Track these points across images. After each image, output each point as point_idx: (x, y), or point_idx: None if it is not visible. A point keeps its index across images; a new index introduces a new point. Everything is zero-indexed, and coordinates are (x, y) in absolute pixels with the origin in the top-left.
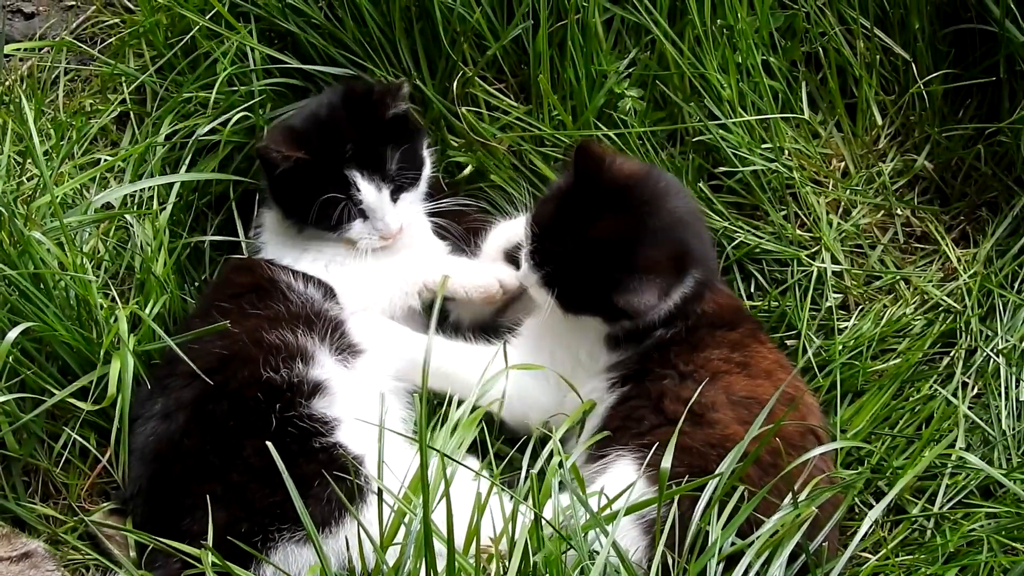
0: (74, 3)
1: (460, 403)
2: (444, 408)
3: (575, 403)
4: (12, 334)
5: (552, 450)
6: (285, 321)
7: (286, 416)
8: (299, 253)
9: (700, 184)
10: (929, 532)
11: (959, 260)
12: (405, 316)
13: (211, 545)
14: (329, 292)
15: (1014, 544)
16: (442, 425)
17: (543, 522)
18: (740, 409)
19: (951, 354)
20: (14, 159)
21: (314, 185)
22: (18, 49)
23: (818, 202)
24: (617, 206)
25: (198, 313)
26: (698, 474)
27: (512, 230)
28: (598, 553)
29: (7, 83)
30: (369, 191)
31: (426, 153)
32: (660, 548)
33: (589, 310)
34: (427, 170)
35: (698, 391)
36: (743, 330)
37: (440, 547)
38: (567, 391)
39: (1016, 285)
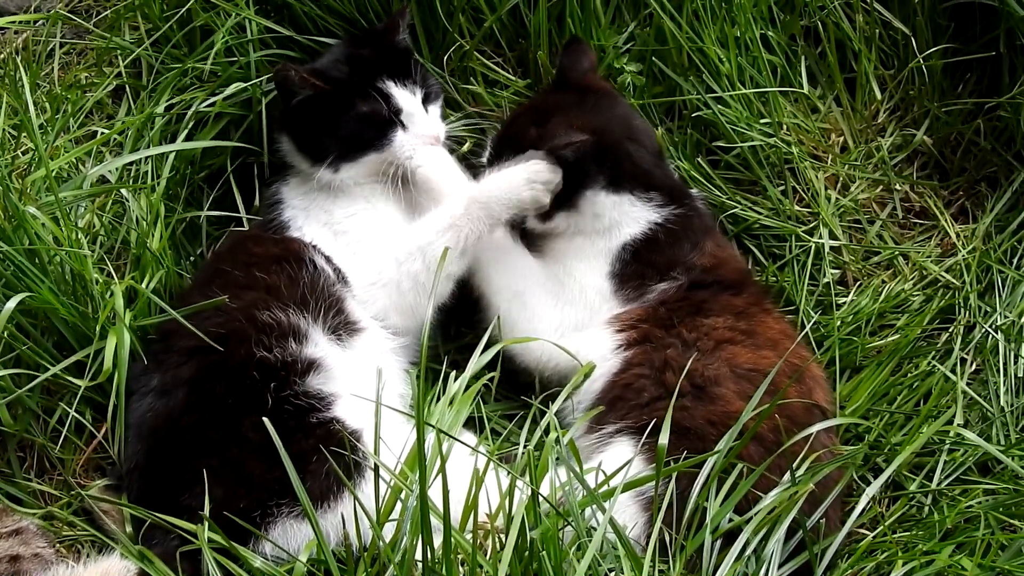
0: None
1: (457, 378)
2: (440, 383)
3: (581, 345)
4: (11, 304)
5: (549, 424)
6: (280, 299)
7: (282, 394)
8: (313, 221)
9: (698, 159)
10: (927, 508)
11: (958, 236)
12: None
13: (209, 520)
14: (338, 273)
15: (1012, 521)
16: (439, 400)
17: (540, 498)
18: (744, 383)
19: (950, 330)
20: (9, 133)
21: (347, 106)
22: (13, 22)
23: (816, 177)
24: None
25: (198, 284)
26: (697, 454)
27: None
28: (595, 529)
29: (2, 56)
30: (404, 96)
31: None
32: (658, 525)
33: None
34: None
35: (702, 362)
36: (748, 296)
37: (436, 523)
38: (574, 324)
39: (1015, 261)
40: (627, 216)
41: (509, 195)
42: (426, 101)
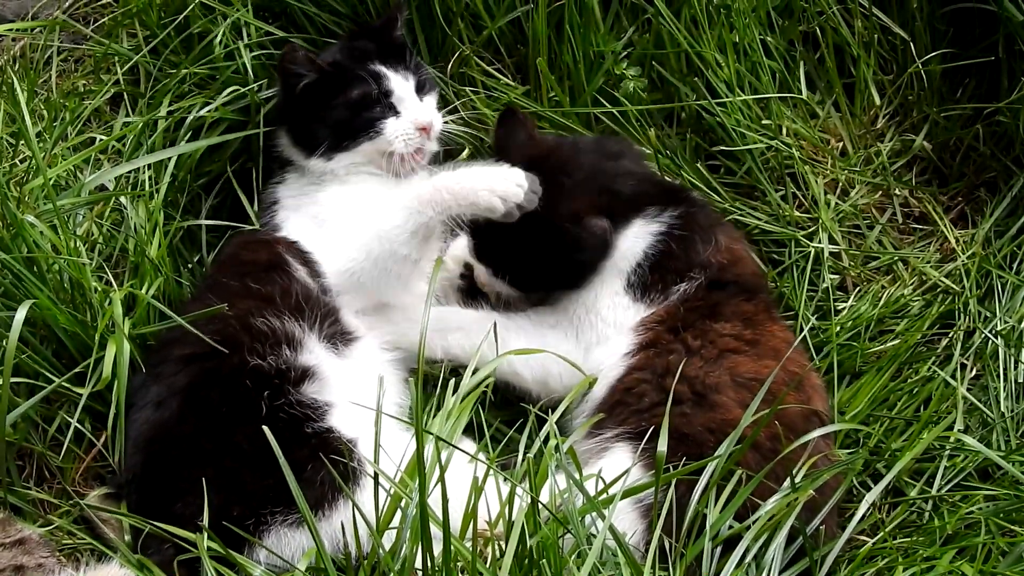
0: None
1: (456, 386)
2: (439, 392)
3: (602, 356)
4: (20, 314)
5: (549, 432)
6: (275, 306)
7: (276, 403)
8: (301, 215)
9: (698, 164)
10: (927, 514)
11: (957, 241)
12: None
13: (208, 530)
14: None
15: (1012, 526)
16: (438, 408)
17: (540, 505)
18: (744, 392)
19: (949, 335)
20: (7, 141)
21: (340, 91)
22: (10, 29)
23: (816, 182)
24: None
25: (198, 293)
26: (695, 460)
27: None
28: (595, 536)
29: None
30: (397, 80)
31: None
32: (657, 532)
33: (543, 285)
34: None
35: (704, 369)
36: (758, 303)
37: (436, 531)
38: (590, 345)
39: (1015, 266)
40: (630, 241)
41: (467, 195)
42: (420, 90)
